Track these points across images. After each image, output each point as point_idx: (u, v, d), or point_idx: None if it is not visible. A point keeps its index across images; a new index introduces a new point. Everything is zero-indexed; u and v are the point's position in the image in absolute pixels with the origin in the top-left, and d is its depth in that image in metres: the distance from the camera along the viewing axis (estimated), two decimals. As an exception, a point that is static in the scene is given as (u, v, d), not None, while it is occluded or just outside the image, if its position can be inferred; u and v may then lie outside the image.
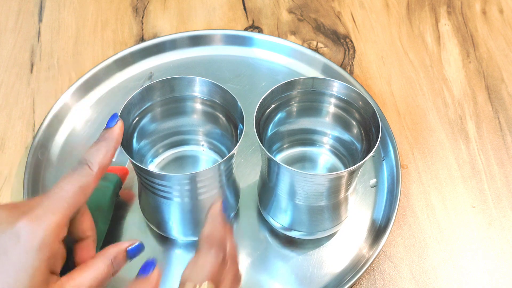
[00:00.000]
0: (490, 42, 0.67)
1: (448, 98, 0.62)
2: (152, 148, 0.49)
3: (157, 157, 0.50)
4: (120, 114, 0.42)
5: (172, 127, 0.49)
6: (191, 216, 0.46)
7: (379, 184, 0.55)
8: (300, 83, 0.46)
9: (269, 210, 0.49)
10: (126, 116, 0.43)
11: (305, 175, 0.43)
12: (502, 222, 0.54)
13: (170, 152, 0.51)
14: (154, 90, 0.45)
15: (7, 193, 0.54)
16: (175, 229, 0.48)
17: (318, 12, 0.70)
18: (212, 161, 0.51)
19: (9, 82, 0.62)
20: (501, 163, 0.57)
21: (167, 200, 0.45)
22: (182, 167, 0.51)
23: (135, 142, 0.47)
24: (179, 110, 0.48)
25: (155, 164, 0.50)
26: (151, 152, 0.50)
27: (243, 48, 0.65)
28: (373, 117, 0.44)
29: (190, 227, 0.48)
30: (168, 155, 0.51)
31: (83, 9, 0.69)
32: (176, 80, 0.45)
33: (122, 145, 0.41)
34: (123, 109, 0.43)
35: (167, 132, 0.49)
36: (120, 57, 0.62)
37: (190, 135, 0.51)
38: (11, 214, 0.35)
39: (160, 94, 0.46)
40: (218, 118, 0.47)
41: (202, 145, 0.51)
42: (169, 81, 0.45)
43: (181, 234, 0.49)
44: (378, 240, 0.50)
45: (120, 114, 0.42)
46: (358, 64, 0.65)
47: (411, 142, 0.59)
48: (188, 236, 0.49)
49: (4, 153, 0.57)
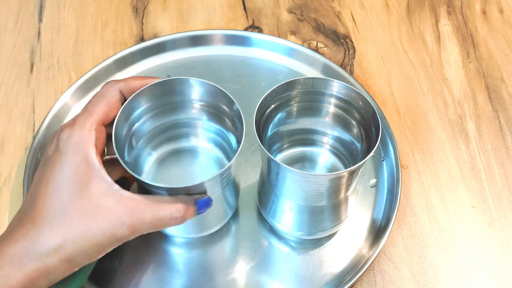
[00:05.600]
0: (490, 42, 0.67)
1: (448, 98, 0.62)
2: (150, 143, 0.49)
3: (156, 152, 0.50)
4: (117, 121, 0.42)
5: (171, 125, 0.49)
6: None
7: (379, 184, 0.55)
8: (300, 83, 0.46)
9: (269, 210, 0.49)
10: (123, 123, 0.43)
11: (305, 175, 0.43)
12: (502, 222, 0.54)
13: (170, 147, 0.50)
14: (150, 93, 0.45)
15: (7, 194, 0.54)
16: (176, 227, 0.47)
17: (318, 12, 0.70)
18: (212, 155, 0.51)
19: (9, 82, 0.62)
20: (501, 163, 0.57)
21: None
22: (182, 161, 0.51)
23: (134, 146, 0.46)
24: (178, 110, 0.47)
25: (154, 158, 0.50)
26: (150, 146, 0.49)
27: (243, 48, 0.65)
28: (373, 117, 0.44)
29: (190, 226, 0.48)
30: (167, 150, 0.50)
31: (83, 9, 0.69)
32: (173, 82, 0.45)
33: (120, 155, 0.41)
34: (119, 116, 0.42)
35: (166, 130, 0.49)
36: (120, 57, 0.62)
37: (190, 129, 0.50)
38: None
39: (158, 97, 0.45)
40: (218, 116, 0.47)
41: (203, 139, 0.51)
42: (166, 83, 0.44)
43: (180, 232, 0.49)
44: (378, 240, 0.50)
45: (117, 121, 0.42)
46: (358, 64, 0.65)
47: (411, 142, 0.59)
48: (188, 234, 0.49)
49: (4, 153, 0.57)
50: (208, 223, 0.48)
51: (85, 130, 0.40)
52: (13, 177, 0.55)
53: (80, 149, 0.39)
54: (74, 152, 0.39)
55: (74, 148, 0.39)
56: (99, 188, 0.39)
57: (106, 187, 0.39)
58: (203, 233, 0.49)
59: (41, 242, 0.37)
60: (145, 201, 0.39)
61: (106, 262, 0.49)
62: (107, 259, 0.49)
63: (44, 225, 0.37)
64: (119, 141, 0.42)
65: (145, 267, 0.49)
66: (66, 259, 0.38)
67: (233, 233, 0.52)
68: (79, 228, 0.38)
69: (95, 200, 0.38)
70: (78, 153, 0.39)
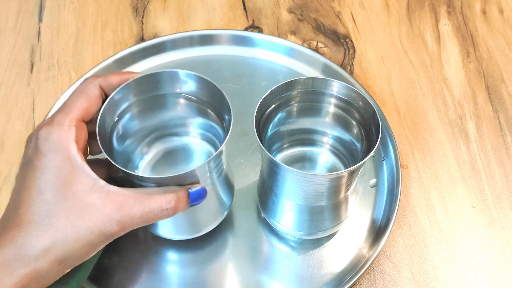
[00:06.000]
0: (490, 42, 0.67)
1: (448, 98, 0.62)
2: (140, 144, 0.48)
3: (147, 154, 0.49)
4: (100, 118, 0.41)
5: (159, 122, 0.48)
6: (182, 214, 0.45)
7: (379, 184, 0.55)
8: (300, 83, 0.46)
9: (269, 210, 0.49)
10: (107, 119, 0.42)
11: (305, 175, 0.43)
12: (502, 222, 0.54)
13: (161, 147, 0.49)
14: (134, 88, 0.44)
15: (7, 193, 0.54)
16: (165, 228, 0.47)
17: (318, 12, 0.70)
18: (205, 152, 0.50)
19: (9, 82, 0.62)
20: (501, 163, 0.57)
21: None
22: (175, 160, 0.50)
23: (120, 143, 0.45)
24: (163, 104, 0.46)
25: (146, 160, 0.49)
26: (140, 148, 0.48)
27: (243, 48, 0.65)
28: (373, 117, 0.44)
29: (182, 226, 0.47)
30: (158, 150, 0.49)
31: (83, 9, 0.69)
32: (158, 75, 0.44)
33: (106, 150, 0.40)
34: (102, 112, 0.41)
35: (154, 127, 0.48)
36: (120, 57, 0.62)
37: (180, 127, 0.49)
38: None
39: (141, 91, 0.44)
40: (204, 109, 0.46)
41: (193, 136, 0.50)
42: (148, 77, 0.44)
43: (173, 233, 0.47)
44: (378, 240, 0.50)
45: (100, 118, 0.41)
46: (358, 64, 0.65)
47: (411, 142, 0.59)
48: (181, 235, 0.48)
49: (4, 152, 0.57)
50: (200, 222, 0.47)
51: (64, 127, 0.39)
52: (13, 176, 0.55)
53: (60, 147, 0.38)
54: (54, 151, 0.38)
55: (54, 146, 0.38)
56: (84, 185, 0.38)
57: (91, 183, 0.38)
58: (196, 233, 0.48)
59: (29, 246, 0.36)
60: (133, 195, 0.38)
61: (105, 261, 0.49)
62: (107, 260, 0.49)
63: (30, 229, 0.36)
64: (103, 135, 0.41)
65: (144, 268, 0.49)
66: (57, 261, 0.37)
67: (233, 233, 0.52)
68: (67, 228, 0.37)
69: (81, 198, 0.37)
70: (59, 151, 0.38)
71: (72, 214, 0.37)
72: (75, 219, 0.37)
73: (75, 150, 0.38)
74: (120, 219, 0.38)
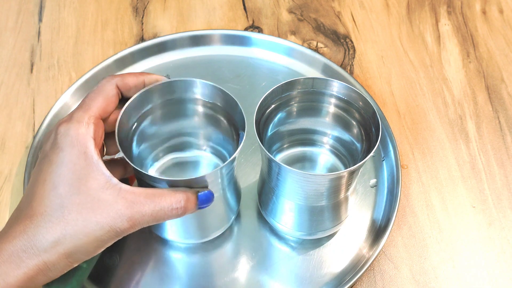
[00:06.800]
0: (490, 42, 0.67)
1: (448, 98, 0.62)
2: (153, 152, 0.49)
3: (157, 161, 0.50)
4: (120, 119, 0.42)
5: (173, 130, 0.49)
6: (191, 219, 0.46)
7: (379, 184, 0.55)
8: (300, 83, 0.46)
9: (269, 210, 0.49)
10: (126, 121, 0.43)
11: (305, 175, 0.43)
12: (502, 222, 0.54)
13: (171, 156, 0.51)
14: (154, 93, 0.45)
15: (7, 193, 0.54)
16: (175, 232, 0.48)
17: (318, 12, 0.70)
18: (213, 165, 0.51)
19: (9, 82, 0.62)
20: (501, 163, 0.57)
21: None
22: (183, 171, 0.51)
23: (136, 146, 0.46)
24: (180, 112, 0.47)
25: (155, 168, 0.50)
26: (152, 156, 0.49)
27: (243, 48, 0.65)
28: (373, 117, 0.44)
29: (190, 230, 0.48)
30: (168, 159, 0.50)
31: (83, 9, 0.69)
32: (177, 83, 0.45)
33: (123, 150, 0.41)
34: (122, 113, 0.42)
35: (168, 135, 0.49)
36: (120, 57, 0.62)
37: (191, 138, 0.50)
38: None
39: (160, 96, 0.45)
40: (219, 121, 0.47)
41: (204, 149, 0.51)
42: (170, 84, 0.45)
43: (181, 237, 0.48)
44: (378, 240, 0.50)
45: (120, 119, 0.42)
46: (358, 64, 0.65)
47: (411, 142, 0.59)
48: (188, 239, 0.49)
49: (5, 152, 0.57)
50: (210, 226, 0.48)
51: (83, 123, 0.40)
52: (13, 175, 0.55)
53: (78, 143, 0.39)
54: (72, 146, 0.39)
55: (72, 142, 0.39)
56: (98, 181, 0.38)
57: (105, 180, 0.39)
58: (205, 238, 0.49)
59: (39, 238, 0.37)
60: (145, 193, 0.39)
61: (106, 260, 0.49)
62: (108, 259, 0.49)
63: (41, 221, 0.37)
64: (122, 136, 0.42)
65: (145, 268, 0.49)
66: (65, 254, 0.37)
67: (233, 233, 0.52)
68: (78, 222, 0.37)
69: (94, 194, 0.38)
70: (76, 146, 0.39)
71: (84, 209, 0.38)
72: (86, 214, 0.38)
73: (92, 146, 0.39)
74: (131, 216, 0.38)
